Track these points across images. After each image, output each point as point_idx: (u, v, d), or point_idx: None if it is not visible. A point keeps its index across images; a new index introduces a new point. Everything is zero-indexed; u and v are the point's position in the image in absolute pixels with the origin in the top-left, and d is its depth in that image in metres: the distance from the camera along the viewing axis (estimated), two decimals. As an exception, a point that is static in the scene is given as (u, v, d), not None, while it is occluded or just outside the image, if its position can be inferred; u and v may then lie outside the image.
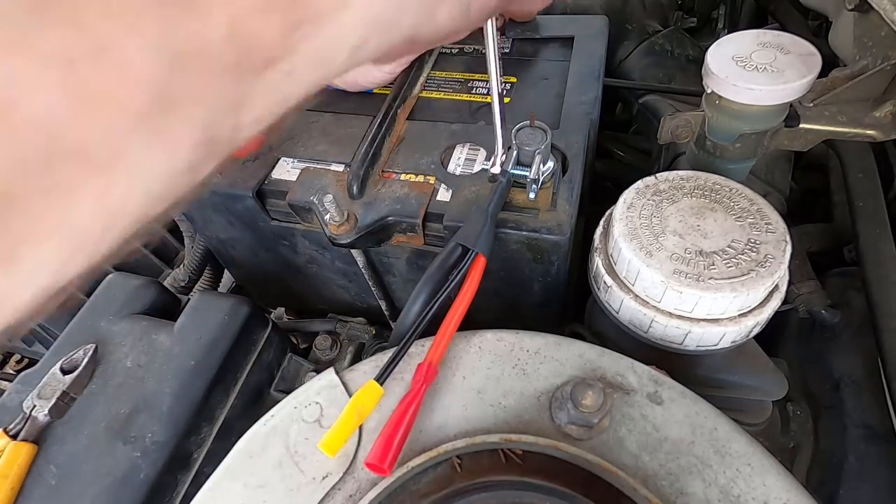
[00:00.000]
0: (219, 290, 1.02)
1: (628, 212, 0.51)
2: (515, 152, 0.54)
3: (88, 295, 0.65)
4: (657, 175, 0.53)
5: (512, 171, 0.55)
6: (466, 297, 0.47)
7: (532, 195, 0.56)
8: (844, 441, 0.62)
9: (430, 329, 0.49)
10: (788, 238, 0.47)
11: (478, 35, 0.83)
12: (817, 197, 0.84)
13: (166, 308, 0.64)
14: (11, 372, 1.14)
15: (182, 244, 0.99)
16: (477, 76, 0.76)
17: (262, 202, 0.66)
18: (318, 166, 0.66)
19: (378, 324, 0.84)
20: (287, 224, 0.67)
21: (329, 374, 0.46)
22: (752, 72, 0.51)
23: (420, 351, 0.46)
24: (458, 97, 0.73)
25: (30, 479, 0.50)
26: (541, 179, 0.57)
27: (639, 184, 0.53)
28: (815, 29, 0.89)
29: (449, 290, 0.47)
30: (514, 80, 0.74)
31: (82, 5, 0.16)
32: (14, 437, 0.51)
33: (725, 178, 0.52)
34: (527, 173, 0.54)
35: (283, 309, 0.95)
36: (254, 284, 0.87)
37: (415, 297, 0.50)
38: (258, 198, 0.65)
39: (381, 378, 0.43)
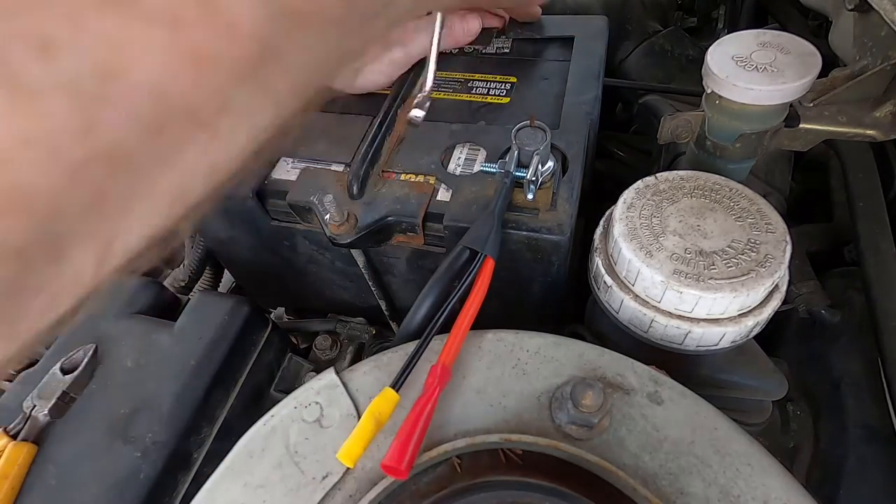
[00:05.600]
0: (219, 290, 1.02)
1: (628, 212, 0.51)
2: (516, 152, 0.54)
3: (88, 295, 0.65)
4: (657, 175, 0.53)
5: (513, 171, 0.55)
6: (477, 300, 0.46)
7: (530, 195, 0.56)
8: (844, 441, 0.62)
9: (441, 329, 0.49)
10: (788, 238, 0.47)
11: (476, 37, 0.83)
12: (817, 197, 0.84)
13: (166, 308, 0.64)
14: (12, 372, 1.14)
15: (182, 244, 0.98)
16: (477, 76, 0.76)
17: (261, 202, 0.66)
18: (318, 166, 0.66)
19: (378, 324, 0.84)
20: (287, 224, 0.67)
21: (329, 374, 0.46)
22: (752, 72, 0.51)
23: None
24: (458, 97, 0.73)
25: (30, 479, 0.50)
26: (540, 179, 0.57)
27: (639, 184, 0.53)
28: (815, 29, 0.89)
29: (459, 293, 0.47)
30: (514, 80, 0.74)
31: None
32: (14, 437, 0.51)
33: (725, 178, 0.52)
34: (525, 174, 0.54)
35: (283, 309, 0.95)
36: (254, 284, 0.87)
37: (422, 300, 0.50)
38: (258, 198, 0.65)
39: (397, 384, 0.42)
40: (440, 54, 0.80)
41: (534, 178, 0.55)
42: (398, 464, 0.37)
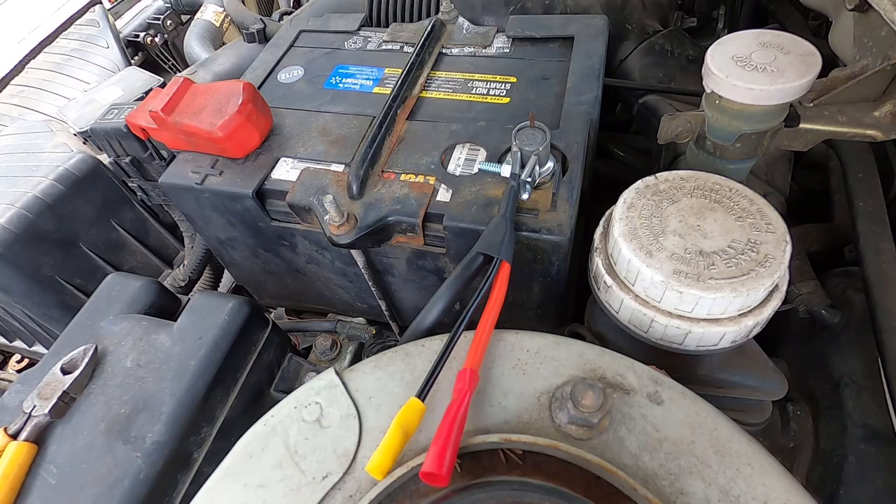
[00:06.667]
0: (219, 290, 1.02)
1: (628, 212, 0.51)
2: (519, 154, 0.54)
3: (88, 295, 0.65)
4: (657, 175, 0.53)
5: (520, 174, 0.55)
6: (497, 304, 0.47)
7: (525, 195, 0.56)
8: (844, 441, 0.62)
9: (440, 330, 0.49)
10: (788, 238, 0.47)
11: (476, 37, 0.84)
12: (817, 197, 0.84)
13: (166, 308, 0.64)
14: (11, 372, 1.14)
15: (182, 244, 0.99)
16: (477, 76, 0.76)
17: (261, 202, 0.66)
18: (318, 166, 0.66)
19: (378, 324, 0.84)
20: (287, 224, 0.67)
21: (329, 374, 0.46)
22: (752, 72, 0.51)
23: (420, 351, 0.46)
24: (457, 97, 0.73)
25: (30, 479, 0.50)
26: (537, 180, 0.57)
27: (639, 184, 0.53)
28: (815, 29, 0.89)
29: (479, 298, 0.47)
30: (513, 80, 0.74)
31: None
32: (14, 437, 0.51)
33: (725, 178, 0.52)
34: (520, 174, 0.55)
35: (283, 309, 0.95)
36: (254, 284, 0.87)
37: (434, 302, 0.50)
38: (258, 198, 0.65)
39: (422, 394, 0.41)
40: (440, 54, 0.80)
41: (529, 179, 0.55)
42: (439, 469, 0.36)
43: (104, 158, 0.86)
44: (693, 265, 0.46)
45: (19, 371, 1.13)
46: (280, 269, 0.77)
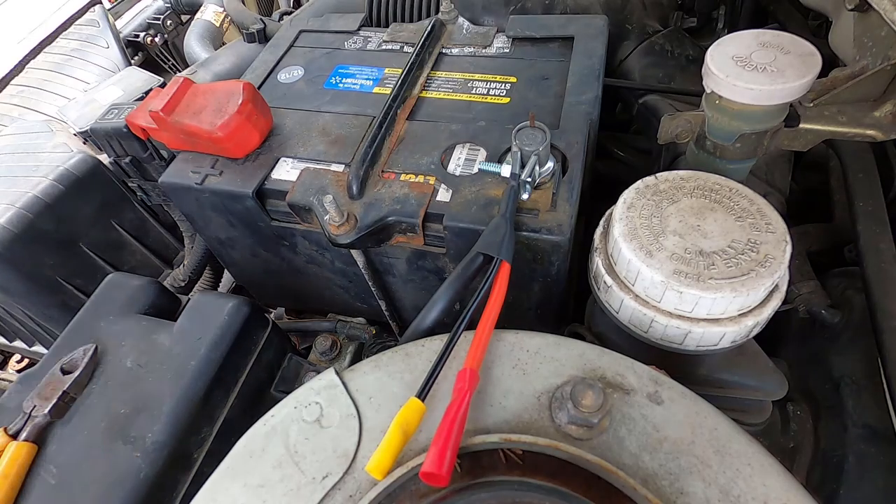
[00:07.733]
0: (219, 290, 1.02)
1: (628, 212, 0.51)
2: (519, 154, 0.54)
3: (88, 295, 0.65)
4: (657, 175, 0.53)
5: (520, 174, 0.55)
6: (496, 304, 0.46)
7: (525, 196, 0.56)
8: (844, 441, 0.62)
9: (441, 330, 0.49)
10: (788, 238, 0.47)
11: (476, 37, 0.83)
12: (817, 197, 0.84)
13: (166, 308, 0.64)
14: (11, 372, 1.14)
15: (182, 244, 0.99)
16: (477, 76, 0.76)
17: (262, 202, 0.66)
18: (318, 166, 0.66)
19: (378, 324, 0.84)
20: (287, 224, 0.67)
21: (329, 374, 0.46)
22: (752, 72, 0.51)
23: (420, 351, 0.46)
24: (458, 97, 0.73)
25: (30, 479, 0.50)
26: (537, 180, 0.57)
27: (639, 184, 0.53)
28: (815, 29, 0.89)
29: (479, 298, 0.47)
30: (513, 80, 0.74)
31: None
32: (14, 437, 0.51)
33: (725, 178, 0.52)
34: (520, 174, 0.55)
35: (283, 309, 0.95)
36: (254, 284, 0.87)
37: (434, 302, 0.50)
38: (258, 198, 0.65)
39: (422, 394, 0.41)
40: (440, 54, 0.80)
41: (529, 179, 0.55)
42: (439, 469, 0.36)
43: (104, 158, 0.86)
44: (693, 265, 0.46)
45: (19, 371, 1.13)
46: (280, 269, 0.77)
